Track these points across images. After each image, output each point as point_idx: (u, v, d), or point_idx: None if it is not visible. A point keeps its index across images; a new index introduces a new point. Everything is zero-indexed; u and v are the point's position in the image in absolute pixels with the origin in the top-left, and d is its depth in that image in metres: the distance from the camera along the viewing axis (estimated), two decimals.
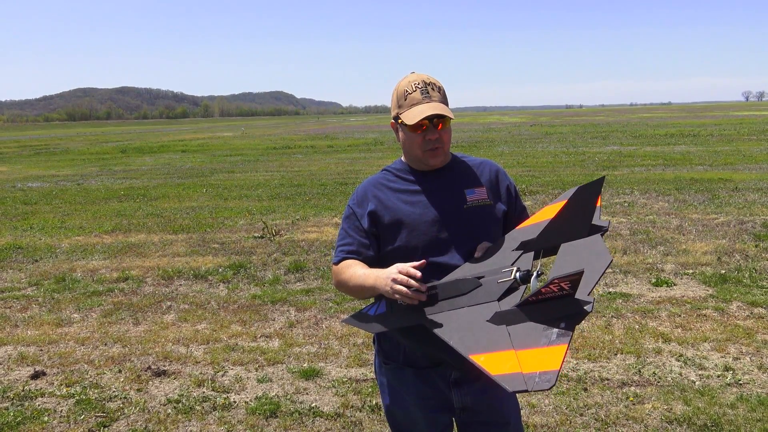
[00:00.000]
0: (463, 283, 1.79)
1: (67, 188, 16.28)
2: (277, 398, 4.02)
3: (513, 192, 2.11)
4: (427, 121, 1.92)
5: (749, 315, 5.17)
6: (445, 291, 1.80)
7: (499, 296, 1.71)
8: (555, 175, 15.28)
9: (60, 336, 5.30)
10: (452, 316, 1.73)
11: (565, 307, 1.54)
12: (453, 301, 1.77)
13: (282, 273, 7.06)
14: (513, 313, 1.61)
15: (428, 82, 1.97)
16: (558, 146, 25.35)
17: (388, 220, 2.00)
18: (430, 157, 1.99)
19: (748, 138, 25.92)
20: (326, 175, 17.16)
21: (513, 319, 1.59)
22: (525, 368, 1.43)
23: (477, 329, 1.64)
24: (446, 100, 1.98)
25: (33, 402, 4.08)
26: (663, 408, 3.70)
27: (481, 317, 1.67)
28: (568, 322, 1.51)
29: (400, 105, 1.97)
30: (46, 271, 7.47)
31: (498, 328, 1.59)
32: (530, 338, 1.51)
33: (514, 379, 1.41)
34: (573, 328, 1.50)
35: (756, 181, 12.89)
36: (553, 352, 1.44)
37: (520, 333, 1.54)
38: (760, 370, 4.15)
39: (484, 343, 1.58)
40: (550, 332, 1.50)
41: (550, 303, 1.55)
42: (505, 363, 1.47)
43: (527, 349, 1.48)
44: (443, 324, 1.71)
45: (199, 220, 10.65)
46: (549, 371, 1.39)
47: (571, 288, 1.52)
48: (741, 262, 6.74)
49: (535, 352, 1.46)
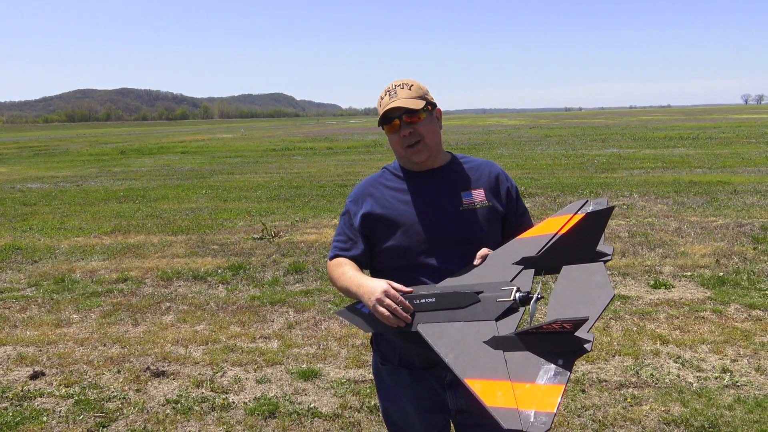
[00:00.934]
0: (461, 297, 1.78)
1: (66, 189, 16.28)
2: (275, 399, 4.02)
3: (513, 194, 2.10)
4: (397, 120, 1.96)
5: (747, 317, 5.18)
6: (442, 301, 1.79)
7: (497, 316, 1.70)
8: (554, 177, 15.29)
9: (59, 336, 5.31)
10: (448, 329, 1.73)
11: (564, 342, 1.52)
12: (449, 313, 1.76)
13: (281, 274, 7.07)
14: (511, 340, 1.59)
15: (398, 83, 2.01)
16: (557, 149, 25.37)
17: (383, 218, 2.02)
18: (412, 153, 2.00)
19: (747, 141, 25.95)
20: (325, 177, 17.17)
21: (510, 346, 1.58)
22: (521, 404, 1.42)
23: (473, 349, 1.63)
24: (418, 95, 1.98)
25: (32, 402, 4.08)
26: (661, 409, 3.71)
27: (477, 337, 1.66)
28: (566, 360, 1.50)
29: (378, 112, 2.03)
30: (45, 272, 7.47)
31: (495, 352, 1.59)
32: (527, 370, 1.50)
33: (510, 416, 1.40)
34: (570, 368, 1.49)
35: (755, 183, 12.91)
36: (550, 392, 1.43)
37: (517, 362, 1.53)
38: (758, 372, 4.16)
39: (480, 367, 1.57)
40: (548, 367, 1.49)
41: (550, 337, 1.54)
42: (500, 394, 1.47)
43: (524, 382, 1.47)
44: (439, 336, 1.71)
45: (198, 222, 10.66)
46: (545, 412, 1.38)
47: (572, 329, 1.51)
48: (739, 264, 6.76)
49: (532, 389, 1.46)
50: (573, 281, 1.74)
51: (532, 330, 1.55)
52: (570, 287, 1.72)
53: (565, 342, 1.52)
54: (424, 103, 1.98)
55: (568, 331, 1.51)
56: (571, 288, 1.72)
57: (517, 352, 1.55)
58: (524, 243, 1.93)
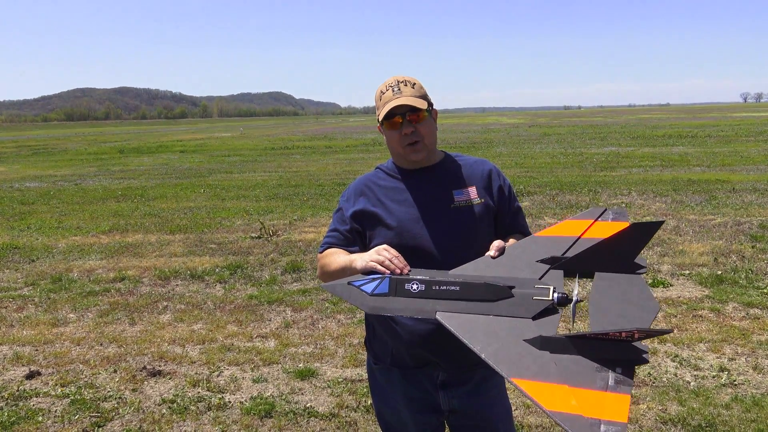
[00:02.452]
0: (491, 289, 1.67)
1: (64, 188, 16.26)
2: (272, 398, 4.01)
3: (507, 192, 2.08)
4: (400, 117, 1.95)
5: (745, 316, 5.18)
6: (468, 291, 1.68)
7: (534, 315, 1.61)
8: (553, 175, 15.28)
9: (55, 336, 5.29)
10: (477, 321, 1.62)
11: (622, 351, 1.44)
12: (476, 305, 1.65)
13: (279, 273, 7.05)
14: (560, 341, 1.49)
15: (401, 80, 1.99)
16: (556, 147, 25.36)
17: (374, 216, 2.02)
18: (410, 152, 1.99)
19: (746, 139, 25.96)
20: (324, 176, 17.16)
21: (558, 348, 1.48)
22: (586, 412, 1.32)
23: (513, 347, 1.53)
24: (421, 95, 1.98)
25: (27, 402, 4.07)
26: (658, 408, 3.70)
27: (516, 333, 1.55)
28: (625, 369, 1.41)
29: (377, 107, 2.01)
30: (42, 271, 7.46)
31: (540, 353, 1.49)
32: (583, 376, 1.41)
33: (576, 422, 1.31)
34: (632, 377, 1.41)
35: (753, 182, 12.90)
36: (617, 400, 1.34)
37: (570, 367, 1.44)
38: (756, 371, 4.16)
39: (527, 367, 1.46)
40: (606, 375, 1.40)
41: (608, 344, 1.45)
42: (559, 399, 1.37)
43: (583, 388, 1.38)
44: (466, 328, 1.60)
45: (196, 221, 10.64)
46: (615, 422, 1.29)
47: (641, 338, 1.44)
48: (737, 263, 6.75)
49: (595, 395, 1.36)
50: (613, 290, 1.65)
51: (593, 335, 1.46)
52: (611, 296, 1.63)
53: (623, 351, 1.44)
54: (427, 104, 1.98)
55: (629, 340, 1.44)
56: (613, 297, 1.63)
57: (566, 356, 1.47)
58: (543, 242, 1.87)
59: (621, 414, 1.32)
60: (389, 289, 1.73)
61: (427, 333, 1.98)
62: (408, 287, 1.71)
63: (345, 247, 2.06)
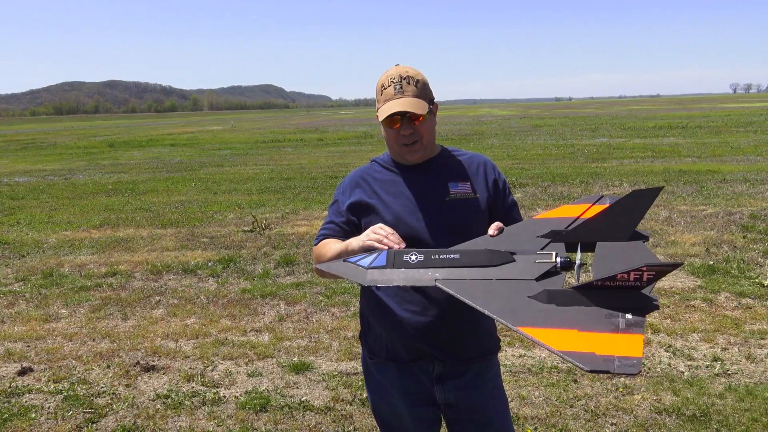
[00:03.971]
0: (492, 255, 1.64)
1: (54, 183, 16.14)
2: (267, 392, 4.00)
3: (501, 186, 2.07)
4: (399, 118, 1.92)
5: (737, 305, 5.21)
6: (468, 258, 1.64)
7: (537, 277, 1.56)
8: (545, 167, 15.30)
9: (47, 332, 5.25)
10: (479, 284, 1.58)
11: (629, 299, 1.40)
12: (477, 270, 1.61)
13: (272, 267, 7.03)
14: (566, 294, 1.45)
15: (404, 76, 1.94)
16: (548, 139, 25.40)
17: (370, 208, 2.02)
18: (407, 152, 1.98)
19: (736, 130, 26.09)
20: (316, 169, 17.11)
21: (565, 301, 1.44)
22: (599, 350, 1.27)
23: (518, 302, 1.48)
24: (424, 94, 1.94)
25: (20, 398, 4.04)
26: (652, 398, 3.72)
27: (520, 292, 1.51)
28: (635, 314, 1.36)
29: (378, 100, 1.98)
30: (33, 267, 7.40)
31: (547, 306, 1.44)
32: (592, 322, 1.36)
33: (589, 358, 1.26)
34: (644, 319, 1.37)
35: (743, 172, 12.97)
36: (630, 340, 1.30)
37: (578, 315, 1.39)
38: (748, 360, 4.18)
39: (534, 317, 1.42)
40: (616, 320, 1.35)
41: (616, 293, 1.41)
42: (569, 340, 1.32)
43: (594, 332, 1.33)
44: (468, 291, 1.55)
45: (188, 215, 10.59)
46: (630, 357, 1.25)
47: (650, 280, 1.39)
48: (729, 253, 6.79)
49: (607, 337, 1.31)
50: (616, 253, 1.62)
51: (598, 283, 1.41)
52: (614, 256, 1.60)
53: (633, 298, 1.40)
54: (429, 103, 1.95)
55: (637, 286, 1.40)
56: (616, 257, 1.59)
57: (574, 307, 1.42)
58: (541, 222, 1.85)
59: (635, 350, 1.28)
60: (387, 262, 1.69)
61: (423, 325, 1.97)
62: (406, 258, 1.67)
63: (341, 238, 2.06)
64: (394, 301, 2.02)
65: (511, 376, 4.11)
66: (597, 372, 1.26)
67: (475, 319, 2.02)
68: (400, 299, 2.00)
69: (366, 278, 1.68)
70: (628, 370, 1.23)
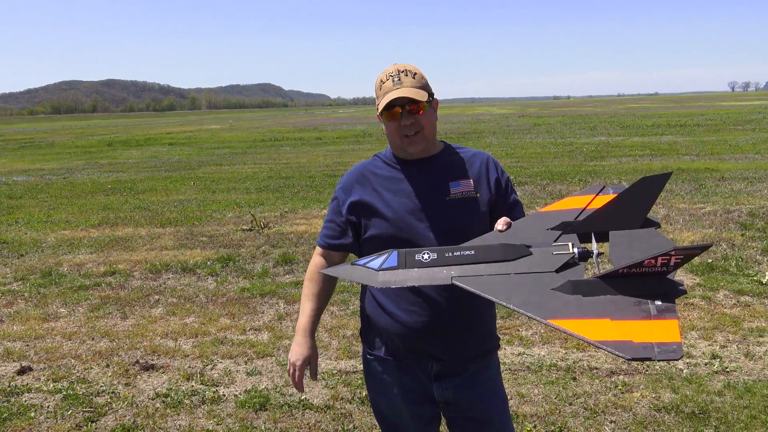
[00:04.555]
0: (508, 248, 1.61)
1: (52, 182, 16.11)
2: (266, 391, 4.00)
3: (504, 184, 2.06)
4: (399, 108, 1.92)
5: (736, 303, 5.21)
6: (483, 254, 1.61)
7: (556, 268, 1.53)
8: (543, 165, 15.31)
9: (46, 331, 5.25)
10: (497, 279, 1.54)
11: (655, 285, 1.37)
12: (494, 266, 1.58)
13: (271, 266, 7.03)
14: (591, 284, 1.42)
15: (401, 69, 1.96)
16: (546, 137, 25.40)
17: (369, 206, 2.01)
18: (408, 144, 1.97)
19: (734, 128, 26.10)
20: (315, 168, 17.10)
21: (590, 291, 1.41)
22: (636, 338, 1.25)
23: (542, 295, 1.45)
24: (423, 86, 1.95)
25: (19, 398, 4.04)
26: (651, 396, 3.73)
27: (543, 285, 1.48)
28: (663, 299, 1.34)
29: (377, 96, 1.98)
30: (32, 266, 7.39)
31: (573, 297, 1.42)
32: (623, 310, 1.33)
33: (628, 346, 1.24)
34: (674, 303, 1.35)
35: (742, 170, 12.98)
36: (665, 325, 1.27)
37: (607, 304, 1.36)
38: (747, 358, 4.19)
39: (560, 308, 1.39)
40: (646, 306, 1.33)
41: (639, 280, 1.39)
42: (604, 330, 1.29)
43: (627, 320, 1.30)
44: (488, 286, 1.52)
45: (186, 213, 10.58)
46: (669, 342, 1.23)
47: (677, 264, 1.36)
48: (727, 251, 6.80)
49: (641, 324, 1.29)
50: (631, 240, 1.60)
51: (624, 270, 1.38)
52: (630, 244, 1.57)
53: (660, 284, 1.38)
54: (428, 95, 1.96)
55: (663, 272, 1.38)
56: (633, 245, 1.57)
57: (601, 296, 1.39)
58: (548, 215, 1.82)
59: (673, 335, 1.26)
60: (398, 262, 1.65)
61: (420, 325, 1.97)
62: (419, 257, 1.63)
63: (340, 238, 2.09)
64: (391, 300, 2.02)
65: (511, 374, 4.11)
66: (638, 360, 1.24)
67: (473, 319, 2.02)
68: (399, 298, 2.00)
69: (378, 280, 1.64)
70: (670, 355, 1.21)
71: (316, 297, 2.14)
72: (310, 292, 2.15)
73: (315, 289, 2.15)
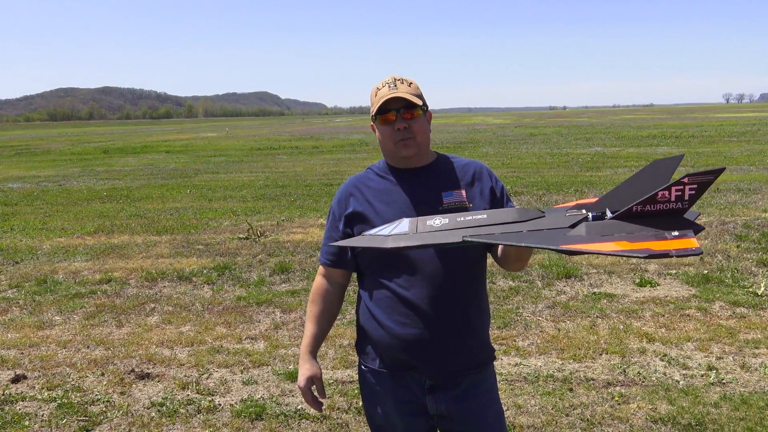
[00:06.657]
0: (521, 212, 1.62)
1: (48, 189, 16.07)
2: (262, 401, 3.99)
3: (498, 193, 2.05)
4: (393, 113, 1.95)
5: (732, 314, 5.23)
6: (495, 217, 1.62)
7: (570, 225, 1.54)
8: (539, 175, 15.35)
9: (41, 339, 5.22)
10: (510, 233, 1.55)
11: (673, 223, 1.38)
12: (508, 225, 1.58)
13: (267, 274, 7.02)
14: (607, 223, 1.43)
15: (398, 78, 2.00)
16: (542, 147, 25.48)
17: (362, 218, 2.02)
18: (402, 147, 1.98)
19: (729, 139, 26.24)
20: (311, 176, 17.11)
21: (608, 230, 1.41)
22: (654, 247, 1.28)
23: (559, 234, 1.46)
24: (417, 94, 1.98)
25: (14, 406, 4.01)
26: (648, 408, 3.73)
27: (558, 232, 1.49)
28: (681, 231, 1.34)
29: (372, 103, 2.01)
30: (27, 273, 7.36)
31: (590, 236, 1.42)
32: (640, 236, 1.34)
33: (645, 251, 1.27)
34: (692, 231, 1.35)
35: (737, 182, 13.03)
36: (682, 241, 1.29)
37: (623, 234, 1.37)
38: (743, 369, 4.20)
39: (575, 240, 1.40)
40: (662, 234, 1.33)
41: (656, 219, 1.39)
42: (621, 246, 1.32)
43: (642, 242, 1.32)
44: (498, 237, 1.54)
45: (183, 221, 10.56)
46: (688, 248, 1.25)
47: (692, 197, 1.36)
48: (723, 262, 6.82)
49: (659, 242, 1.31)
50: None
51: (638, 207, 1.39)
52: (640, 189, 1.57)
53: (676, 222, 1.38)
54: (422, 102, 1.99)
55: (679, 209, 1.38)
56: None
57: (618, 233, 1.40)
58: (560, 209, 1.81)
59: (690, 243, 1.27)
60: (409, 229, 1.66)
61: (410, 337, 1.96)
62: (430, 223, 1.65)
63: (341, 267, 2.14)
64: (383, 312, 2.01)
65: (507, 384, 4.11)
66: (655, 257, 1.27)
67: (465, 331, 2.00)
68: (391, 310, 1.99)
69: (387, 243, 1.64)
70: (689, 252, 1.23)
71: (317, 318, 2.19)
72: (311, 314, 2.21)
73: (316, 311, 2.20)
